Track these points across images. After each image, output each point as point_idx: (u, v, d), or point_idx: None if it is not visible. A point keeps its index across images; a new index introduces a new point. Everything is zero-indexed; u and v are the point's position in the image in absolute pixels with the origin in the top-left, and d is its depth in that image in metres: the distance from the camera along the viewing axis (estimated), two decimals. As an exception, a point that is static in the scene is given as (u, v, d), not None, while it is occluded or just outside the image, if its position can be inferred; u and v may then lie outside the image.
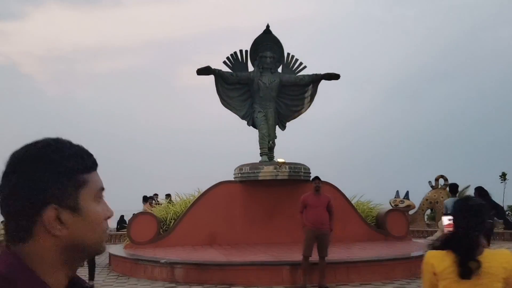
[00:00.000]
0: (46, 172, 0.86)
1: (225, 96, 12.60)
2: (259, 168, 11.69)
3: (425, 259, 2.59)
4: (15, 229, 0.86)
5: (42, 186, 0.85)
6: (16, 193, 0.85)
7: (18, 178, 0.85)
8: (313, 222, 7.85)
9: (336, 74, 12.85)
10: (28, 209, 0.84)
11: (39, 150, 0.87)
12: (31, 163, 0.86)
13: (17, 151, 0.89)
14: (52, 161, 0.87)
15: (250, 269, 8.29)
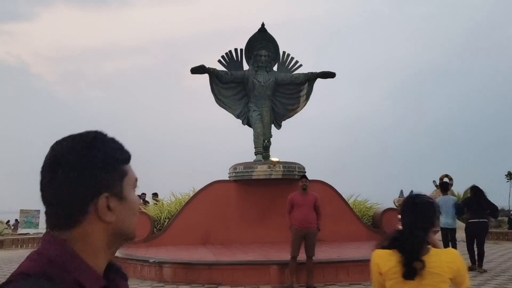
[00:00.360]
0: (98, 162, 0.91)
1: (220, 95, 12.56)
2: (253, 168, 11.63)
3: (372, 259, 2.52)
4: (65, 216, 0.90)
5: (95, 175, 0.91)
6: (70, 181, 0.89)
7: (71, 168, 0.90)
8: (300, 222, 7.78)
9: (332, 72, 12.74)
10: (83, 197, 0.90)
11: (90, 142, 0.93)
12: (83, 153, 0.91)
13: (63, 142, 0.93)
14: (102, 152, 0.92)
15: (238, 269, 8.23)
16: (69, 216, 0.90)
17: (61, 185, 0.89)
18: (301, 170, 12.00)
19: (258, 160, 12.06)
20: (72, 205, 0.90)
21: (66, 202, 0.90)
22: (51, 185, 0.91)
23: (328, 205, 12.29)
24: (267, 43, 12.71)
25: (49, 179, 0.91)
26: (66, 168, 0.90)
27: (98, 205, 0.91)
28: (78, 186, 0.89)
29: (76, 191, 0.89)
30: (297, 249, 7.77)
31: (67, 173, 0.89)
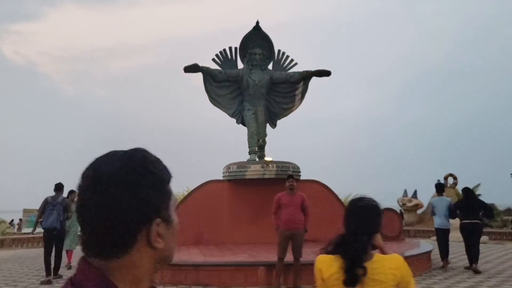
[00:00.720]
0: (148, 184, 0.85)
1: (214, 94, 12.47)
2: (246, 167, 11.54)
3: (315, 264, 2.42)
4: (112, 244, 0.83)
5: (147, 199, 0.84)
6: (122, 205, 0.82)
7: (124, 190, 0.82)
8: (286, 222, 7.67)
9: (327, 71, 12.59)
10: (135, 222, 0.83)
11: (141, 162, 0.86)
12: (135, 174, 0.84)
13: (108, 160, 0.86)
14: (152, 173, 0.86)
15: (225, 270, 8.14)
16: (118, 244, 0.83)
17: (111, 209, 0.81)
18: (295, 170, 11.88)
19: (252, 160, 11.96)
20: (123, 232, 0.82)
21: (116, 229, 0.82)
22: (98, 208, 0.82)
23: (323, 205, 12.17)
24: (262, 42, 12.60)
25: (96, 201, 0.82)
26: (117, 190, 0.82)
27: (151, 232, 0.85)
28: (130, 210, 0.82)
29: (128, 216, 0.82)
30: (283, 250, 7.66)
31: (118, 195, 0.82)
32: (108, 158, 0.86)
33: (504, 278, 8.74)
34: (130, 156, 0.86)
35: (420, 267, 9.46)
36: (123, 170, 0.84)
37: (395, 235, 12.18)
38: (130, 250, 0.84)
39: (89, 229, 0.83)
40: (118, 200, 0.82)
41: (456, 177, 23.88)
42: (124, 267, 0.83)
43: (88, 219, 0.83)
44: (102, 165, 0.85)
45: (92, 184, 0.83)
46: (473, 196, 10.87)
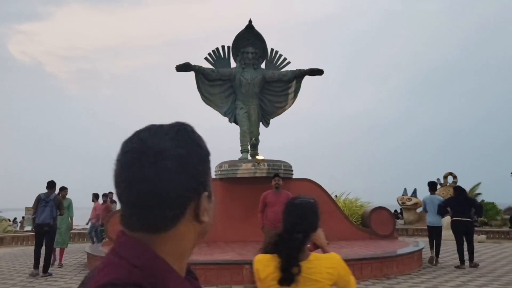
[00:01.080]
0: (197, 158, 0.84)
1: (206, 92, 12.48)
2: (237, 166, 11.55)
3: (253, 264, 2.42)
4: (163, 217, 0.81)
5: (196, 173, 0.83)
6: (172, 179, 0.80)
7: (172, 164, 0.80)
8: (272, 221, 7.67)
9: (320, 70, 12.57)
10: (185, 196, 0.82)
11: (188, 136, 0.85)
12: (187, 146, 0.83)
13: (156, 133, 0.83)
14: (200, 147, 0.85)
15: (210, 268, 8.16)
16: (168, 218, 0.82)
17: (163, 183, 0.79)
18: (287, 168, 11.88)
19: (244, 158, 11.96)
20: (174, 206, 0.81)
21: (167, 202, 0.80)
22: (149, 182, 0.79)
23: (315, 203, 12.18)
24: (254, 40, 12.59)
25: (146, 175, 0.79)
26: (168, 163, 0.80)
27: (200, 205, 0.85)
28: (181, 184, 0.81)
29: (180, 190, 0.81)
30: (269, 249, 7.65)
31: (169, 169, 0.80)
32: (154, 132, 0.83)
33: (493, 278, 8.70)
34: (178, 130, 0.85)
35: (410, 266, 9.44)
36: (173, 144, 0.82)
37: (387, 234, 12.16)
38: (178, 224, 0.83)
39: (137, 203, 0.80)
40: (169, 173, 0.80)
41: (456, 176, 23.78)
42: (171, 240, 0.83)
43: (136, 193, 0.80)
44: (149, 138, 0.82)
45: (142, 157, 0.80)
46: (465, 195, 10.91)
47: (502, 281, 8.36)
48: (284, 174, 11.82)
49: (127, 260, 0.80)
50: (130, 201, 0.81)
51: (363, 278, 8.45)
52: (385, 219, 12.33)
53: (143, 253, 0.81)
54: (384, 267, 8.83)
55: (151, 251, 0.81)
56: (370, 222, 12.27)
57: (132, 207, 0.81)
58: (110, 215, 11.45)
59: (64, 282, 8.62)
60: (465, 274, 9.12)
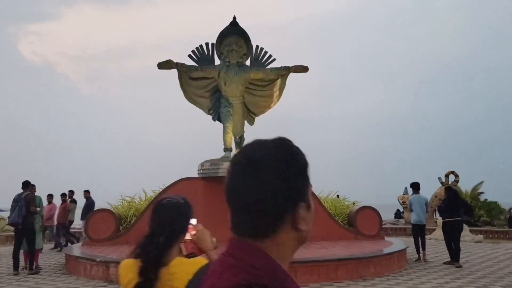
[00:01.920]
0: (295, 171, 0.91)
1: (189, 90, 12.33)
2: (219, 164, 11.39)
3: (118, 269, 2.27)
4: (265, 224, 0.88)
5: (294, 185, 0.90)
6: (272, 190, 0.87)
7: (273, 176, 0.88)
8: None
9: (305, 67, 12.35)
10: (285, 204, 0.88)
11: (289, 148, 0.93)
12: (287, 159, 0.91)
13: (257, 146, 0.92)
14: (297, 160, 0.92)
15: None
16: (269, 224, 0.89)
17: (265, 193, 0.87)
18: (269, 167, 11.71)
19: (226, 157, 11.81)
20: (274, 214, 0.88)
21: (269, 210, 0.88)
22: (252, 192, 0.87)
23: (299, 203, 12.01)
24: (238, 37, 12.41)
25: (250, 186, 0.88)
26: (270, 176, 0.88)
27: (297, 214, 0.90)
28: (281, 194, 0.88)
29: (279, 200, 0.88)
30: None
31: (270, 181, 0.87)
32: (257, 146, 0.92)
33: (473, 279, 8.47)
34: (278, 145, 0.92)
35: (389, 267, 9.22)
36: (274, 158, 0.89)
37: (373, 233, 11.95)
38: (278, 231, 0.89)
39: (243, 211, 0.89)
40: (270, 185, 0.87)
41: (457, 174, 23.42)
42: (274, 246, 0.89)
43: (242, 201, 0.88)
44: (253, 152, 0.91)
45: (246, 170, 0.89)
46: (457, 195, 11.29)
47: (480, 283, 8.12)
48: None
49: (247, 262, 0.86)
50: (237, 209, 0.90)
51: (337, 279, 8.29)
52: (371, 218, 12.11)
53: (262, 257, 0.88)
54: (360, 268, 8.63)
55: (268, 255, 0.88)
56: (355, 221, 12.07)
57: (239, 214, 0.90)
58: (90, 215, 11.37)
59: (35, 283, 8.56)
60: (445, 275, 8.90)
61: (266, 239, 0.89)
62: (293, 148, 0.94)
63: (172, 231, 2.16)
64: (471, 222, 22.56)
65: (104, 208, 11.55)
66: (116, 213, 11.53)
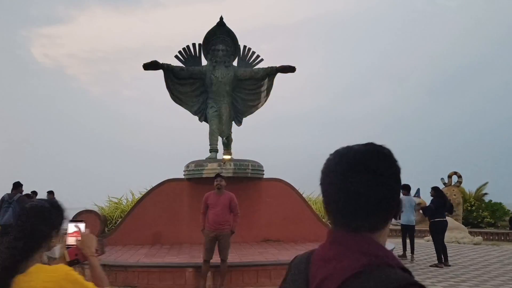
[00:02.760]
0: (396, 174, 1.04)
1: (176, 91, 12.27)
2: (203, 165, 11.32)
3: None
4: (381, 220, 1.02)
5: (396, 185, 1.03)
6: (389, 191, 1.01)
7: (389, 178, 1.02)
8: (211, 223, 7.41)
9: (291, 67, 12.22)
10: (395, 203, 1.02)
11: (391, 154, 1.05)
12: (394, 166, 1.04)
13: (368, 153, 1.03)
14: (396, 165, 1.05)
15: (153, 271, 7.95)
16: (384, 219, 1.02)
17: (385, 192, 1.00)
18: (255, 168, 11.59)
19: (211, 158, 11.72)
20: (390, 210, 1.02)
21: (387, 207, 1.01)
22: (374, 191, 0.99)
23: (286, 204, 11.87)
24: (225, 37, 12.33)
25: (371, 185, 0.99)
26: (390, 177, 1.02)
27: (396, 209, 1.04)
28: (396, 193, 1.03)
29: (395, 197, 1.02)
30: (209, 252, 7.39)
31: (390, 181, 1.02)
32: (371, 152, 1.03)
33: (455, 282, 8.25)
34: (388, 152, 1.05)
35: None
36: (389, 163, 1.03)
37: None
38: (387, 224, 1.04)
39: (363, 209, 1.00)
40: (389, 186, 1.01)
41: (461, 175, 23.06)
42: (381, 236, 1.03)
43: (363, 201, 0.99)
44: (370, 157, 1.02)
45: (368, 173, 1.00)
46: (444, 195, 11.33)
47: (461, 286, 7.91)
48: (252, 174, 11.57)
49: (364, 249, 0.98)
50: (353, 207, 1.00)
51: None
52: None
53: (378, 245, 1.00)
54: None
55: (381, 244, 1.01)
56: (343, 223, 11.89)
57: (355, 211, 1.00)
58: (73, 216, 11.34)
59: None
60: (427, 278, 8.69)
61: (378, 231, 1.03)
62: (392, 155, 1.06)
63: (32, 236, 2.05)
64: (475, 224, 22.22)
65: (89, 209, 11.51)
66: (101, 214, 11.50)
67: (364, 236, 1.00)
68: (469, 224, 21.49)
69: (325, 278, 0.99)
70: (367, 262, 0.95)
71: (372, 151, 1.04)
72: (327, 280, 0.98)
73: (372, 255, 0.97)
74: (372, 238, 1.01)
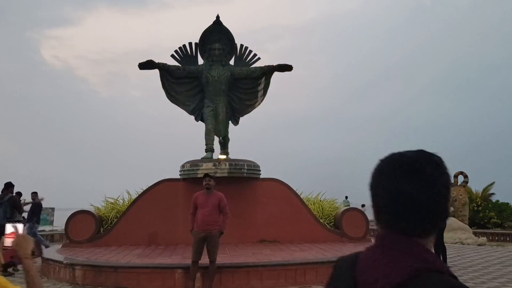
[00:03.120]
0: (447, 181, 1.05)
1: (172, 90, 12.20)
2: (198, 165, 11.23)
3: None
4: (433, 226, 1.04)
5: (448, 192, 1.05)
6: (443, 198, 1.03)
7: (442, 185, 1.03)
8: (200, 223, 7.31)
9: (288, 65, 12.09)
10: (447, 210, 1.05)
11: (437, 161, 1.05)
12: (446, 173, 1.05)
13: (422, 159, 1.05)
14: (447, 173, 1.07)
15: (143, 272, 7.87)
16: (436, 225, 1.04)
17: (439, 198, 1.02)
18: (250, 168, 11.48)
19: (207, 158, 11.63)
20: (443, 216, 1.04)
21: (440, 213, 1.03)
22: (427, 197, 1.01)
23: (283, 204, 11.75)
24: (221, 36, 12.24)
25: (424, 191, 1.01)
26: (443, 184, 1.03)
27: (445, 215, 1.05)
28: (448, 200, 1.04)
29: (447, 204, 1.04)
30: (197, 253, 7.29)
31: (443, 188, 1.03)
32: (424, 158, 1.05)
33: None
34: (438, 159, 1.06)
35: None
36: (441, 170, 1.05)
37: (360, 236, 11.61)
38: (436, 230, 1.05)
39: (416, 215, 1.01)
40: (442, 193, 1.02)
41: (467, 175, 22.76)
42: (429, 242, 1.05)
43: (416, 207, 1.01)
44: (425, 163, 1.03)
45: (421, 179, 1.01)
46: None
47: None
48: (248, 174, 11.47)
49: (416, 254, 1.00)
50: (406, 212, 1.02)
51: (306, 283, 8.00)
52: (358, 220, 11.77)
53: (428, 251, 1.02)
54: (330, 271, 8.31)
55: (430, 250, 1.04)
56: (341, 223, 11.74)
57: (408, 217, 1.02)
58: (69, 216, 11.31)
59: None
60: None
61: (427, 237, 1.04)
62: (443, 163, 1.08)
63: None
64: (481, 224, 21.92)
65: (84, 209, 11.47)
66: (96, 214, 11.46)
67: (416, 241, 1.03)
68: (475, 225, 21.20)
69: (376, 281, 1.00)
70: (420, 267, 0.97)
71: (425, 158, 1.05)
72: (379, 283, 1.00)
73: (424, 260, 0.99)
74: (422, 244, 1.03)
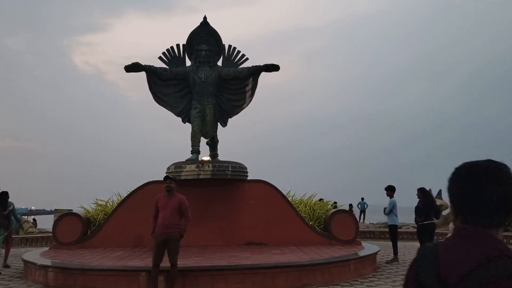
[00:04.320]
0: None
1: (159, 93, 12.18)
2: (182, 167, 11.18)
3: None
4: (505, 219, 1.34)
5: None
6: (509, 194, 1.32)
7: (510, 183, 1.34)
8: (160, 227, 7.24)
9: (275, 65, 11.88)
10: (510, 205, 1.33)
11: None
12: (505, 175, 1.35)
13: (485, 165, 1.37)
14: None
15: (109, 275, 7.86)
16: (506, 217, 1.33)
17: (506, 194, 1.31)
18: (235, 169, 11.34)
19: (192, 159, 11.56)
20: (509, 209, 1.32)
21: (508, 207, 1.32)
22: (502, 194, 1.31)
23: (270, 206, 11.59)
24: (208, 37, 12.16)
25: (497, 190, 1.31)
26: (508, 183, 1.33)
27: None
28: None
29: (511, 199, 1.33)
30: (158, 256, 7.22)
31: (509, 186, 1.33)
32: (497, 164, 1.38)
33: None
34: (503, 167, 1.37)
35: (342, 275, 8.60)
36: (506, 174, 1.34)
37: (349, 239, 11.30)
38: (505, 222, 1.34)
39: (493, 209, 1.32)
40: (504, 191, 1.31)
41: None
42: (500, 233, 1.33)
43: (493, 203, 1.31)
44: (498, 168, 1.36)
45: (496, 180, 1.33)
46: (428, 195, 10.90)
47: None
48: (233, 175, 11.33)
49: (492, 243, 1.29)
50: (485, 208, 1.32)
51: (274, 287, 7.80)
52: (347, 223, 11.46)
53: (501, 241, 1.30)
54: (303, 276, 8.10)
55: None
56: (330, 226, 11.46)
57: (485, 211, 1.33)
58: (57, 218, 11.46)
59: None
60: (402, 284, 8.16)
61: (499, 228, 1.33)
62: (510, 170, 1.37)
63: None
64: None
65: (72, 212, 11.61)
66: (84, 216, 11.57)
67: (489, 232, 1.31)
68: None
69: (458, 265, 1.27)
70: (492, 253, 1.24)
71: (495, 165, 1.36)
72: (460, 266, 1.26)
73: (495, 248, 1.27)
74: (494, 235, 1.31)
